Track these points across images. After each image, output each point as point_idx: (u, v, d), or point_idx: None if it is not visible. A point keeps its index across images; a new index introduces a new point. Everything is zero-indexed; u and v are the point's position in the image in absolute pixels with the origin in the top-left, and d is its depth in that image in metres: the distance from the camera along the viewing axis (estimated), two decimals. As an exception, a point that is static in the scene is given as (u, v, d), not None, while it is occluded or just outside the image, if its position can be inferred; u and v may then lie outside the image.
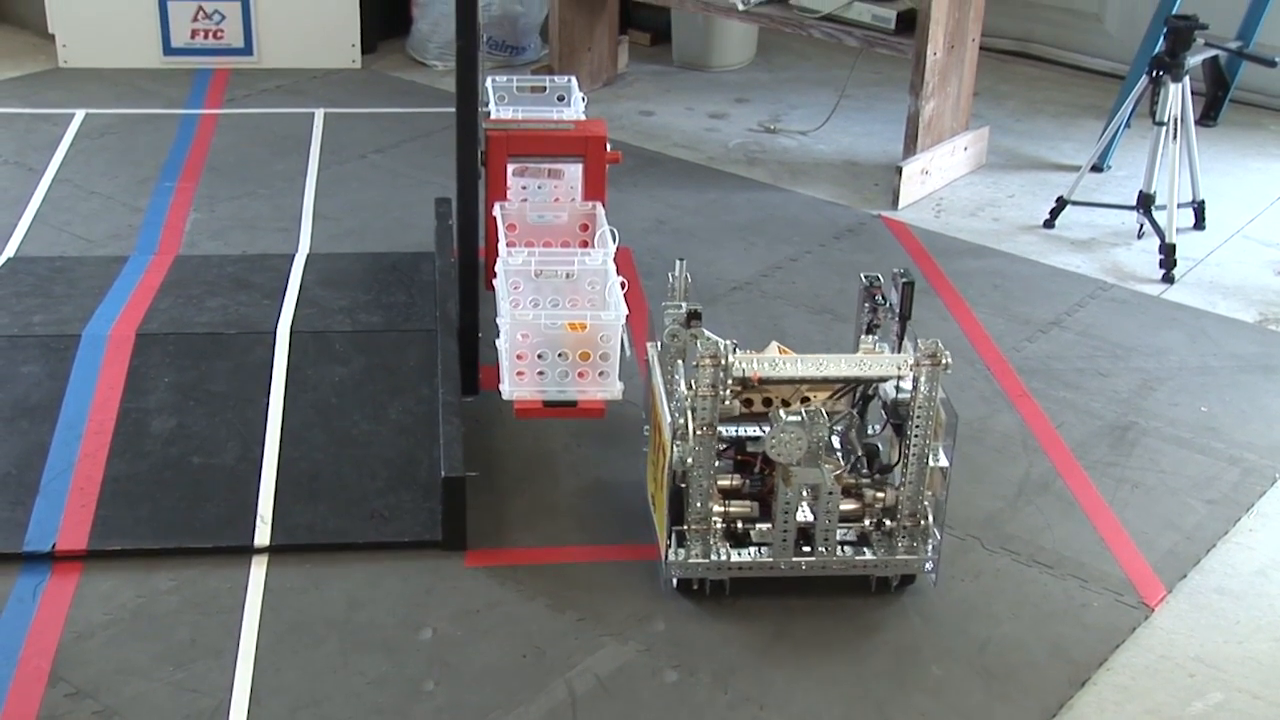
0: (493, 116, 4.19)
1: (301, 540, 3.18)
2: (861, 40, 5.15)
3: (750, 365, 3.01)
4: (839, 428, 3.25)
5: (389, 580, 3.10)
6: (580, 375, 3.34)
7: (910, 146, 5.12)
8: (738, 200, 5.06)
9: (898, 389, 3.08)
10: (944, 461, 3.03)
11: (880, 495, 3.08)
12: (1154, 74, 4.66)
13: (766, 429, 3.09)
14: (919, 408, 2.97)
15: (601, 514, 3.34)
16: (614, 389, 3.37)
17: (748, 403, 3.22)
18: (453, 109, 3.55)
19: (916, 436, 2.99)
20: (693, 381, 2.97)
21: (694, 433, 2.96)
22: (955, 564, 3.21)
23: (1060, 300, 4.43)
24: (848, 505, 3.08)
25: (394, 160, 5.27)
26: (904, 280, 3.15)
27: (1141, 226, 4.84)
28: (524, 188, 4.13)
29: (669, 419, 3.05)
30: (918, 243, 4.77)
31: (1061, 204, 4.92)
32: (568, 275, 3.54)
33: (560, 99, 4.41)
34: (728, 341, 2.98)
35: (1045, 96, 6.20)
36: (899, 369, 3.04)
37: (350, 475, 3.37)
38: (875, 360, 3.08)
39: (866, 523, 3.10)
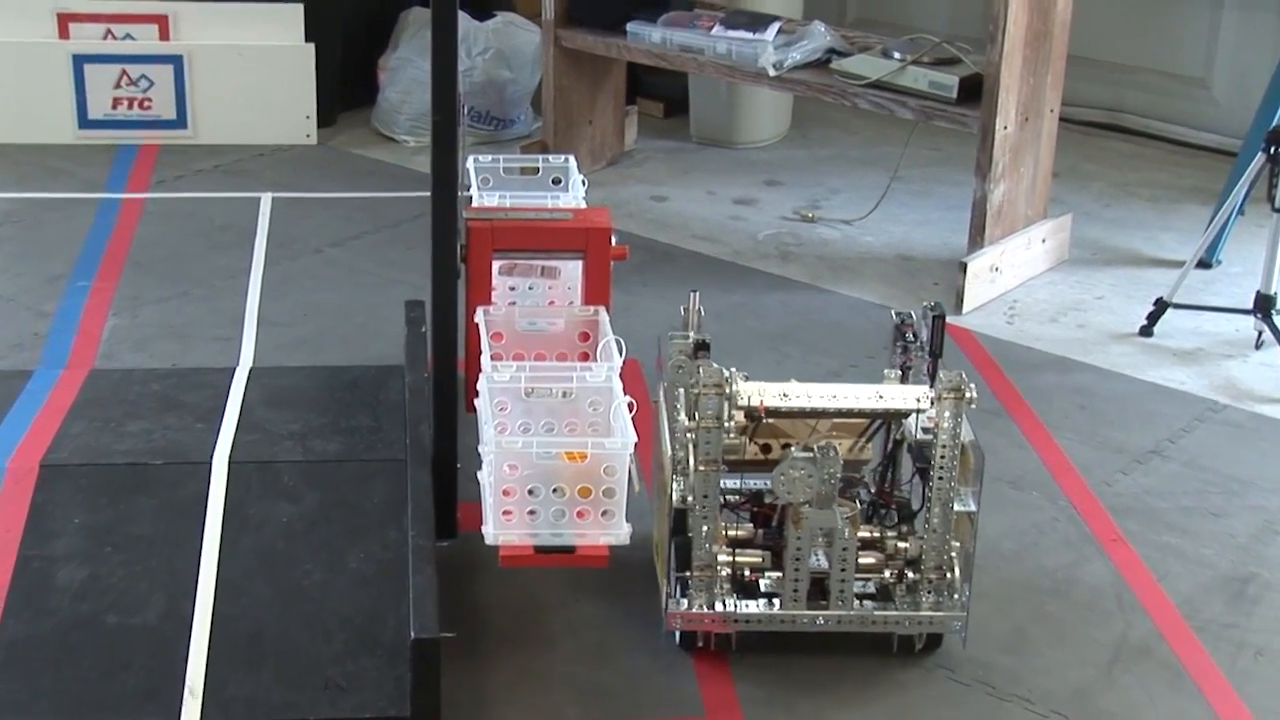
0: (475, 203, 4.24)
1: (239, 718, 3.17)
2: (917, 112, 5.23)
3: (756, 394, 3.28)
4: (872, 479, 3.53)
5: (345, 767, 3.09)
6: (579, 515, 3.35)
7: (977, 239, 5.18)
8: (768, 303, 5.11)
9: (923, 430, 3.30)
10: (971, 506, 3.21)
11: (904, 545, 3.31)
12: (1272, 151, 4.72)
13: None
14: (942, 446, 3.18)
15: (604, 685, 3.34)
16: (620, 532, 3.36)
17: (765, 448, 3.47)
18: (427, 194, 3.61)
19: (940, 479, 3.19)
20: (694, 412, 3.17)
21: (695, 468, 3.17)
22: (1038, 748, 3.21)
23: (1161, 424, 4.45)
24: (867, 558, 3.28)
25: (356, 255, 5.33)
26: (935, 314, 3.39)
27: (1260, 334, 4.87)
28: (512, 289, 4.17)
29: (669, 454, 3.26)
30: (986, 354, 4.80)
31: (1161, 307, 4.96)
32: (564, 394, 3.56)
33: (556, 182, 4.47)
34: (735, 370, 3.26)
35: (1140, 178, 6.28)
36: (919, 401, 3.27)
37: (300, 637, 3.37)
38: (893, 392, 3.32)
39: (887, 574, 3.32)
